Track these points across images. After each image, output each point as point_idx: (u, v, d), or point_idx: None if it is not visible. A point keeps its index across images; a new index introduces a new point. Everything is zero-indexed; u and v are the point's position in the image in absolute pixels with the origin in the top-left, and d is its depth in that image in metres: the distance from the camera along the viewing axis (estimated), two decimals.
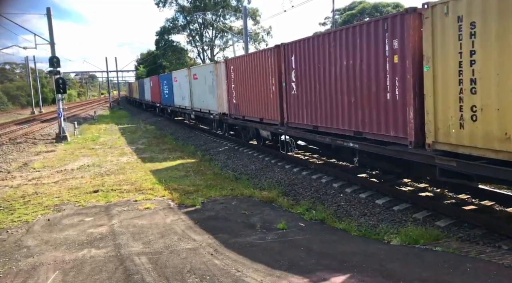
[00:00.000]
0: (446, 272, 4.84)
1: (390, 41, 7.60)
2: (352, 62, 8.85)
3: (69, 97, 78.95)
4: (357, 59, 8.64)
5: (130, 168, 13.64)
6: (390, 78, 7.75)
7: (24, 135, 24.88)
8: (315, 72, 10.36)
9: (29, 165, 15.36)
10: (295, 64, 11.36)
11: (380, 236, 6.77)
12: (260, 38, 57.15)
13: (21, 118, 42.02)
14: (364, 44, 8.39)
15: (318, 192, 9.73)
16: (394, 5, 47.64)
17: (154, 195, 9.87)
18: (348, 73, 9.04)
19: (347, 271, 5.06)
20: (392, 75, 7.69)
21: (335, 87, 9.57)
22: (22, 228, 7.82)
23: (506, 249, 5.77)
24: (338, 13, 51.30)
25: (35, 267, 5.85)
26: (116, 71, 71.00)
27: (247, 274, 5.20)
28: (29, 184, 12.02)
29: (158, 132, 25.24)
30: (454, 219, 7.03)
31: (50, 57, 22.57)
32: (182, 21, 59.10)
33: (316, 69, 10.28)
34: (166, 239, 6.76)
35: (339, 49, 9.27)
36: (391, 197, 8.46)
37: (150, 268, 5.56)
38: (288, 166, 12.33)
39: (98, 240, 6.90)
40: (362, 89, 8.62)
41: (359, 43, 8.54)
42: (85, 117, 40.07)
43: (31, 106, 54.19)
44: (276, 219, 7.68)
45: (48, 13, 22.36)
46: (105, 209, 8.88)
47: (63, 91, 22.86)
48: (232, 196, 9.64)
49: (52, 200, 9.82)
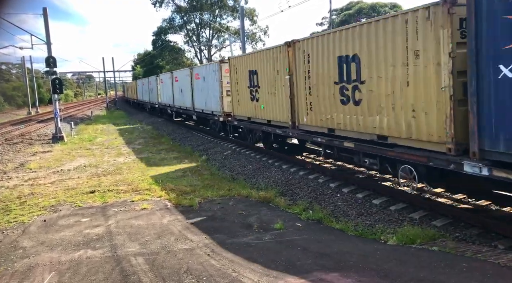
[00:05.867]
0: (442, 271, 4.85)
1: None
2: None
3: (65, 97, 78.58)
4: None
5: (127, 168, 13.61)
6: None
7: (21, 136, 24.77)
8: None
9: (25, 165, 15.29)
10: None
11: (377, 236, 6.78)
12: (257, 38, 57.25)
13: (17, 119, 41.83)
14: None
15: (315, 192, 9.74)
16: (391, 5, 47.78)
17: (151, 196, 9.85)
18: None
19: (343, 271, 5.07)
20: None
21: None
22: (18, 229, 7.79)
23: (502, 249, 5.80)
24: (335, 13, 51.38)
25: (30, 268, 5.82)
26: (113, 71, 70.82)
27: (244, 274, 5.19)
28: (25, 184, 11.97)
29: (155, 133, 25.18)
30: (450, 218, 7.05)
31: (47, 57, 22.49)
32: (179, 21, 59.06)
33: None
34: (163, 239, 6.75)
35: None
36: (388, 196, 8.47)
37: (146, 268, 5.55)
38: (285, 166, 12.33)
39: (94, 240, 6.88)
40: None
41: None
42: (81, 118, 39.93)
43: (28, 106, 53.98)
44: (273, 219, 7.68)
45: (45, 13, 22.28)
46: (102, 210, 8.85)
47: (59, 92, 22.80)
48: (229, 196, 9.64)
49: (49, 201, 9.78)
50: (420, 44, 6.81)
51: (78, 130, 27.87)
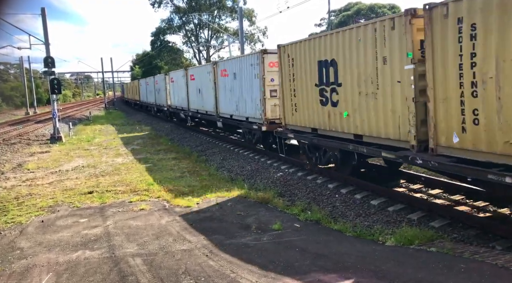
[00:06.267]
0: (440, 272, 4.85)
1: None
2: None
3: (64, 97, 78.52)
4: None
5: (125, 169, 13.59)
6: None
7: (19, 136, 24.72)
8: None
9: (23, 166, 15.25)
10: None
11: (375, 237, 6.78)
12: (256, 39, 57.33)
13: (15, 119, 41.76)
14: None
15: (314, 192, 9.74)
16: (389, 6, 47.88)
17: (149, 196, 9.84)
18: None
19: (342, 272, 5.07)
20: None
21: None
22: (15, 230, 7.76)
23: (500, 250, 5.81)
24: (334, 14, 51.46)
25: (28, 269, 5.81)
26: (111, 71, 70.74)
27: (242, 275, 5.19)
28: (23, 185, 11.93)
29: (153, 133, 25.16)
30: (448, 219, 7.06)
31: (45, 57, 22.45)
32: (177, 22, 59.13)
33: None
34: (161, 240, 6.74)
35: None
36: (386, 197, 8.48)
37: (144, 269, 5.54)
38: (284, 167, 12.33)
39: (92, 241, 6.87)
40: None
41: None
42: (80, 118, 39.87)
43: (26, 107, 53.89)
44: (272, 220, 7.67)
45: (43, 13, 22.24)
46: (100, 210, 8.83)
47: (57, 92, 22.75)
48: (228, 196, 9.63)
49: (46, 201, 9.76)
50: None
51: (76, 130, 27.83)
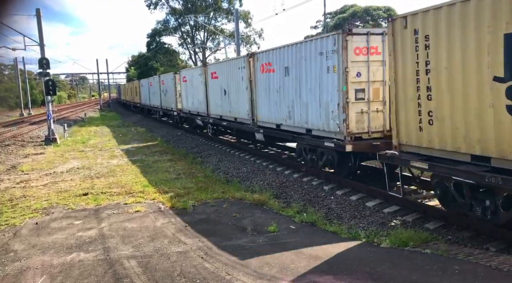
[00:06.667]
0: (435, 274, 4.88)
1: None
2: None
3: (59, 99, 78.06)
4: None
5: (121, 171, 13.54)
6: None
7: (13, 138, 24.54)
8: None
9: (18, 167, 15.15)
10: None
11: (370, 239, 6.80)
12: (252, 41, 57.36)
13: (9, 120, 41.47)
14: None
15: (309, 194, 9.76)
16: (385, 9, 48.09)
17: (145, 198, 9.80)
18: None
19: (337, 274, 5.08)
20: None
21: None
22: (9, 232, 7.70)
23: (494, 251, 5.85)
24: (329, 17, 51.63)
25: (22, 272, 5.77)
26: (107, 73, 70.61)
27: (237, 277, 5.19)
28: (17, 187, 11.85)
29: (148, 135, 25.09)
30: (443, 221, 7.10)
31: (40, 58, 22.34)
32: (173, 23, 59.06)
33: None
34: (156, 242, 6.72)
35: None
36: (381, 199, 8.51)
37: (139, 271, 5.52)
38: (280, 169, 12.34)
39: (87, 243, 6.83)
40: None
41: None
42: (75, 120, 39.67)
43: (20, 108, 53.48)
44: (267, 222, 7.67)
45: (38, 14, 22.14)
46: (95, 212, 8.79)
47: (52, 93, 22.64)
48: (223, 198, 9.62)
49: (41, 203, 9.70)
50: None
51: (71, 132, 27.69)
